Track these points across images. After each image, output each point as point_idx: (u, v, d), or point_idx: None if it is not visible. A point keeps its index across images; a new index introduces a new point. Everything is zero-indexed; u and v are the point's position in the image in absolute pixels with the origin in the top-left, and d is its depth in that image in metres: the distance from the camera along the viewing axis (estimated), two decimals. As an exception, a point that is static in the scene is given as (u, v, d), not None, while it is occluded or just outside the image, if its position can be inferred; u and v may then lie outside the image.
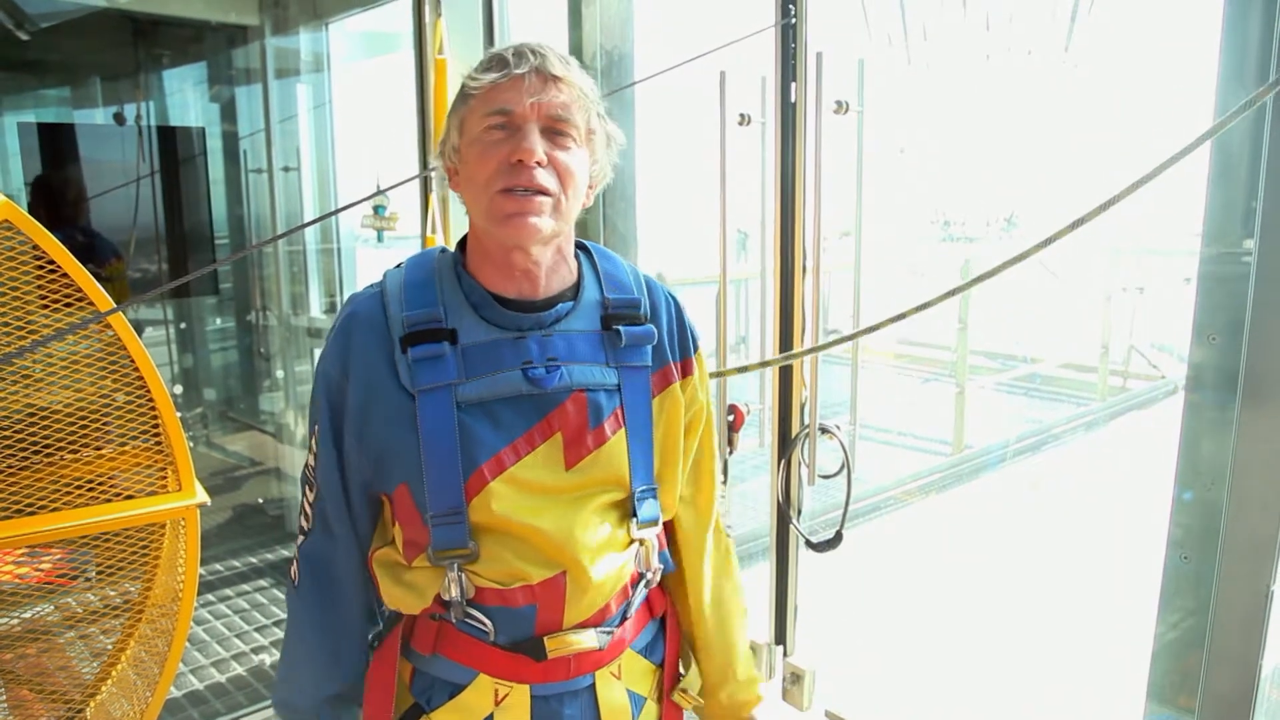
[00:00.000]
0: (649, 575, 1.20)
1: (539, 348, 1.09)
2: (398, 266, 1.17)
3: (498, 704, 1.11)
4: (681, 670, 1.31)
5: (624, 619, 1.17)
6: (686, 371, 1.21)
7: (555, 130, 1.06)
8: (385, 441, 1.08)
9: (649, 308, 1.18)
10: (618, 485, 1.14)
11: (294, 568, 1.19)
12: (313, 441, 1.15)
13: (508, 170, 1.04)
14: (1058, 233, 1.49)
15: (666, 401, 1.18)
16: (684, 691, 1.27)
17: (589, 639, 1.13)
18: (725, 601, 1.31)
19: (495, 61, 1.06)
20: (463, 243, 1.18)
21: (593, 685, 1.15)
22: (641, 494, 1.15)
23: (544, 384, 1.08)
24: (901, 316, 1.73)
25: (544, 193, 1.05)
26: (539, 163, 1.04)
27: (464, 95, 1.09)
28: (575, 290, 1.15)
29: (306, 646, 1.21)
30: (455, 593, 1.08)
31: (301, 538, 1.18)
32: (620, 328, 1.14)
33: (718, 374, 2.19)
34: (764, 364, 2.16)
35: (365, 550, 1.18)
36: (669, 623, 1.27)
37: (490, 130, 1.06)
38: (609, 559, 1.12)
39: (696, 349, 1.24)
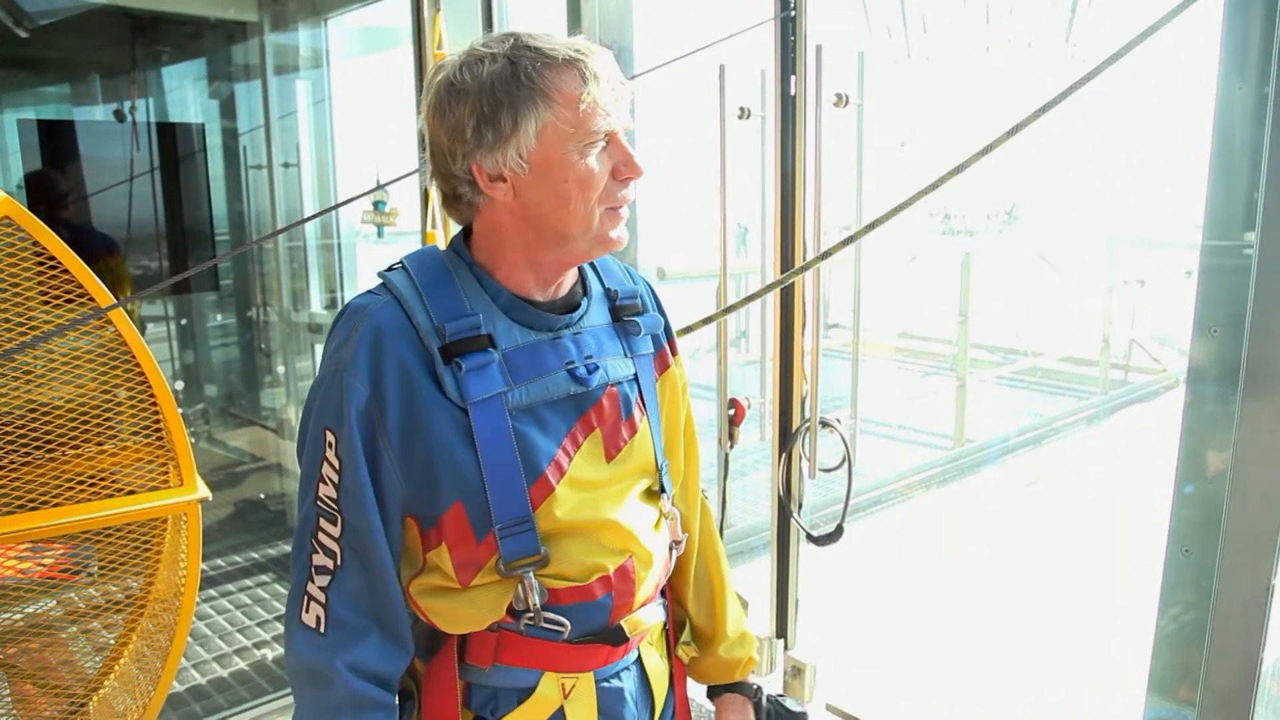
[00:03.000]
0: (675, 545, 1.25)
1: (575, 347, 1.10)
2: (392, 269, 1.08)
3: (566, 697, 1.12)
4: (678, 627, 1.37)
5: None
6: (674, 350, 1.26)
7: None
8: (436, 460, 1.02)
9: (640, 296, 1.21)
10: (649, 470, 1.17)
11: (318, 612, 1.03)
12: (326, 470, 1.03)
13: (613, 187, 1.04)
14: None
15: (667, 382, 1.23)
16: (687, 644, 1.32)
17: (654, 614, 1.18)
18: (712, 561, 1.36)
19: (582, 70, 1.01)
20: (462, 239, 1.13)
21: (639, 656, 1.20)
22: (662, 470, 1.20)
23: (588, 383, 1.09)
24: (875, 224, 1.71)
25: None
26: None
27: (545, 99, 1.00)
28: (584, 285, 1.17)
29: (356, 699, 1.02)
30: (534, 600, 1.06)
31: (326, 578, 1.03)
32: (636, 318, 1.17)
33: (715, 317, 2.17)
34: (767, 289, 2.11)
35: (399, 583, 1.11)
36: (666, 586, 1.31)
37: (592, 145, 1.02)
38: (657, 537, 1.17)
39: (672, 329, 1.29)
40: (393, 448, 1.02)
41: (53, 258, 1.58)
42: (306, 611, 1.04)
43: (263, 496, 4.46)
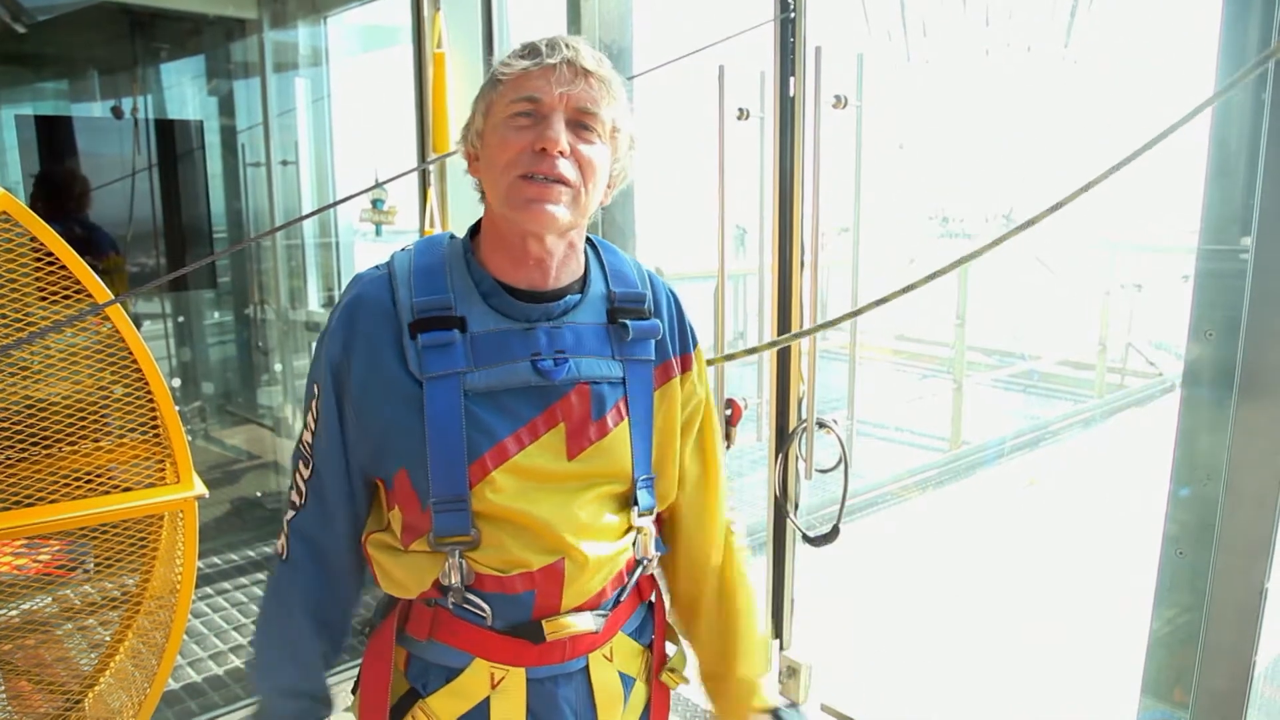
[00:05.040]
0: (646, 562, 1.22)
1: (547, 339, 1.11)
2: (404, 250, 1.16)
3: (494, 687, 1.12)
4: (668, 651, 1.33)
5: (617, 603, 1.20)
6: (686, 366, 1.23)
7: (580, 123, 1.07)
8: (388, 426, 1.09)
9: (652, 302, 1.20)
10: (619, 476, 1.15)
11: (282, 541, 1.19)
12: (310, 418, 1.15)
13: (530, 157, 1.05)
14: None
15: (666, 395, 1.20)
16: (672, 671, 1.29)
17: (585, 622, 1.14)
18: (729, 596, 1.31)
19: (528, 49, 1.07)
20: (474, 230, 1.18)
21: (586, 667, 1.17)
22: (642, 483, 1.18)
23: (551, 376, 1.09)
24: (909, 288, 1.73)
25: (564, 182, 1.06)
26: (561, 152, 1.04)
27: (493, 81, 1.09)
28: (582, 283, 1.17)
29: (293, 622, 1.18)
30: (455, 579, 1.09)
31: (292, 512, 1.18)
32: (627, 321, 1.15)
33: (715, 360, 2.19)
34: (766, 346, 2.15)
35: (360, 531, 1.18)
36: (657, 606, 1.30)
37: (516, 117, 1.06)
38: (606, 545, 1.14)
39: (696, 344, 1.26)
40: (353, 408, 1.10)
41: (50, 254, 1.58)
42: (279, 539, 1.20)
43: (259, 495, 4.46)
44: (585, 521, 1.12)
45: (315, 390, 1.13)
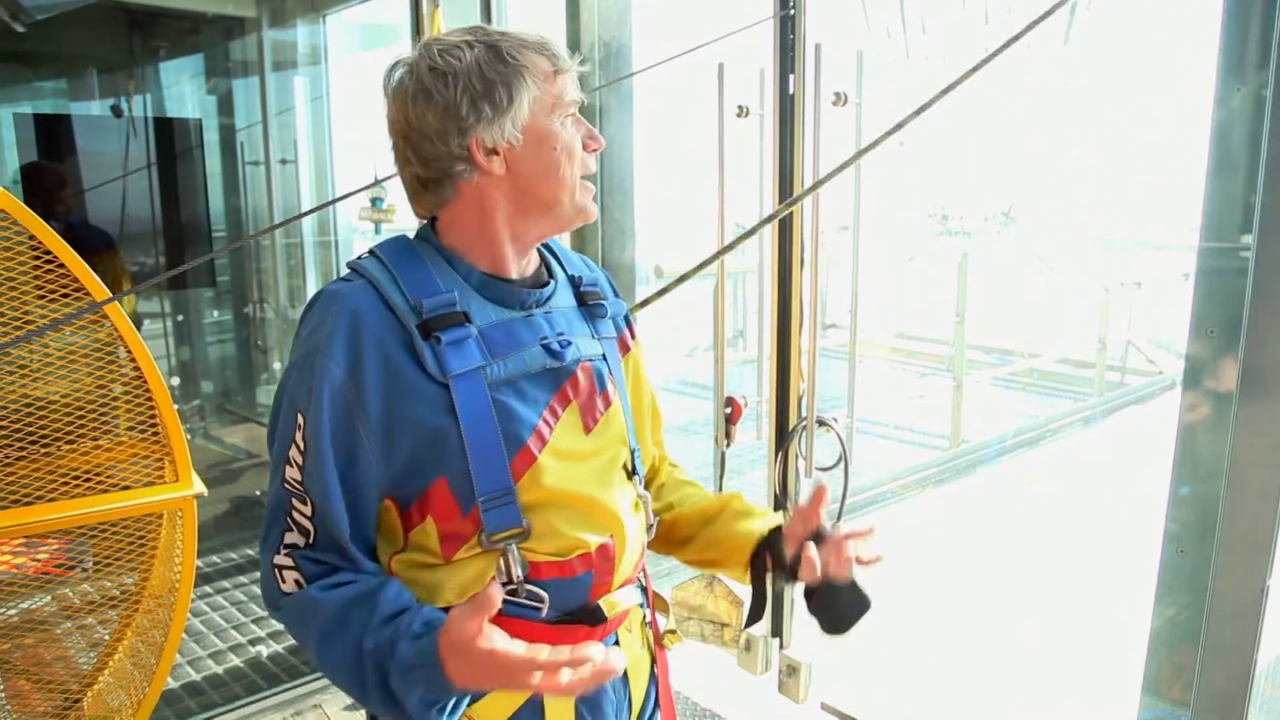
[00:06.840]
0: (650, 528, 1.27)
1: (548, 324, 1.14)
2: (363, 257, 1.11)
3: None
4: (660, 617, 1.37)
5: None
6: (634, 335, 1.31)
7: None
8: (419, 436, 1.04)
9: (599, 282, 1.26)
10: (623, 443, 1.20)
11: (294, 575, 1.05)
12: (294, 452, 1.04)
13: (585, 159, 1.12)
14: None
15: (629, 364, 1.27)
16: (671, 633, 1.33)
17: (632, 596, 1.19)
18: (696, 494, 1.36)
19: (550, 50, 1.09)
20: (429, 228, 1.15)
21: (617, 642, 1.20)
22: (636, 452, 1.23)
23: (562, 357, 1.12)
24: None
25: None
26: None
27: (530, 75, 1.06)
28: (548, 269, 1.21)
29: (361, 601, 1.01)
30: (517, 573, 1.08)
31: (298, 551, 1.06)
32: (602, 302, 1.21)
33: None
34: (766, 220, 2.11)
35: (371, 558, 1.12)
36: (646, 575, 1.34)
37: (568, 119, 1.10)
38: (635, 517, 1.19)
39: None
40: (372, 431, 1.02)
41: (49, 252, 1.58)
42: (284, 583, 1.06)
43: (258, 493, 4.46)
44: (623, 497, 1.16)
45: (299, 420, 1.03)
